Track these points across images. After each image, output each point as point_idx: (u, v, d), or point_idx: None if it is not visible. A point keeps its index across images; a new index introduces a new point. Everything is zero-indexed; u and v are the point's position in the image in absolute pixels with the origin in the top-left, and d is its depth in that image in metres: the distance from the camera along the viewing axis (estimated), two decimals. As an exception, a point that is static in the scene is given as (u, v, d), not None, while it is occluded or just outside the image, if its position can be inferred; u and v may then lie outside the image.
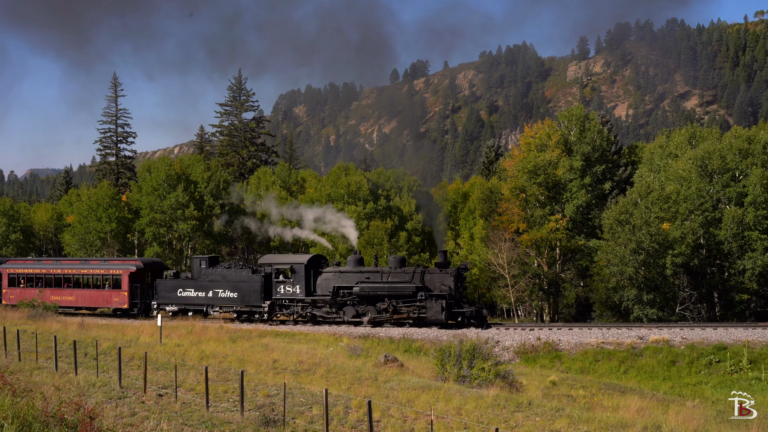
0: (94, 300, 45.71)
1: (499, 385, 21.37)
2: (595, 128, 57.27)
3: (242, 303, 41.20)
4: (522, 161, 54.35)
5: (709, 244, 48.57)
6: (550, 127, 56.76)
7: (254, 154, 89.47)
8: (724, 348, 31.91)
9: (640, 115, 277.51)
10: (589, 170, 55.01)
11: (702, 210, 48.25)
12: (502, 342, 34.61)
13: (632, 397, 23.71)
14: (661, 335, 33.97)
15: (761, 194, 46.66)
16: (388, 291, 38.45)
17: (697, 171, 49.61)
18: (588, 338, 34.48)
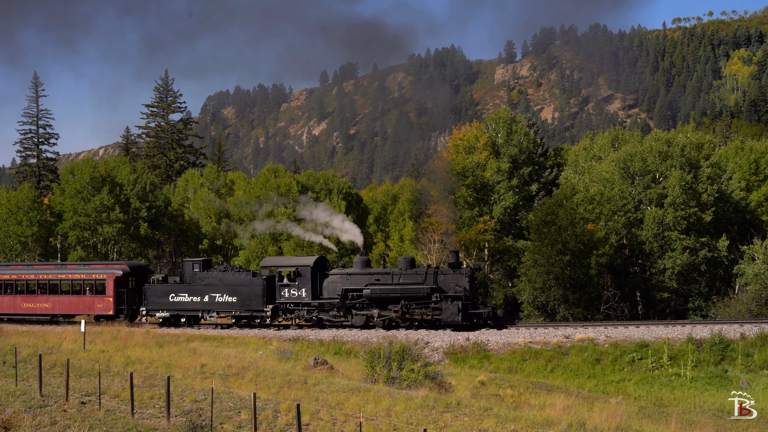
0: (74, 307, 42.85)
1: (428, 386, 21.51)
2: (522, 131, 58.17)
3: (242, 307, 39.51)
4: (450, 163, 54.85)
5: (632, 244, 49.81)
6: (478, 129, 57.44)
7: (182, 156, 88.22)
8: (645, 345, 32.74)
9: (566, 118, 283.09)
10: (516, 172, 55.83)
11: (624, 211, 49.46)
12: (431, 343, 34.85)
13: (558, 396, 24.14)
14: (586, 334, 34.67)
15: (680, 195, 48.04)
16: (401, 293, 37.28)
17: (619, 173, 50.82)
18: (516, 338, 34.98)
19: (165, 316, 40.63)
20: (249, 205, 65.09)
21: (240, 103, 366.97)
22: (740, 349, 31.60)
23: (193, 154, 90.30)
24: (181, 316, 40.64)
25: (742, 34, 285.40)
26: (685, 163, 50.51)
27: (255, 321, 39.79)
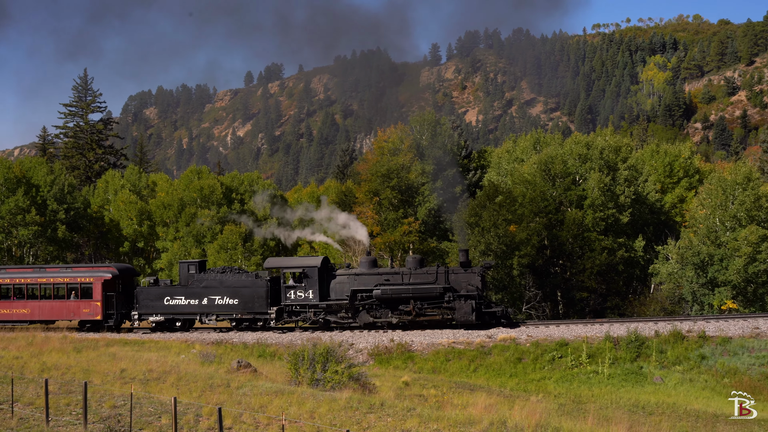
0: (56, 312, 40.14)
1: (352, 388, 21.55)
2: (446, 133, 58.87)
3: (244, 310, 38.11)
4: (375, 165, 55.07)
5: (553, 245, 50.84)
6: (403, 131, 57.85)
7: (102, 157, 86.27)
8: (565, 344, 33.43)
9: (490, 120, 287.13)
10: (440, 174, 56.41)
11: (546, 212, 50.45)
12: (356, 344, 34.89)
13: (481, 395, 24.48)
14: (508, 334, 35.20)
15: (598, 197, 49.27)
16: (413, 293, 36.57)
17: (541, 175, 51.81)
18: (440, 338, 35.28)
19: (159, 320, 39.02)
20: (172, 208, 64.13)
21: (163, 103, 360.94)
22: (654, 346, 32.57)
23: (114, 155, 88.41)
24: (176, 320, 39.13)
25: (658, 41, 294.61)
26: (604, 166, 51.84)
27: (257, 324, 38.51)
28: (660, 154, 62.84)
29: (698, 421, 22.91)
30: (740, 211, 47.24)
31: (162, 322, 39.11)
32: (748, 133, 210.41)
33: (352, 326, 37.75)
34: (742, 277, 45.08)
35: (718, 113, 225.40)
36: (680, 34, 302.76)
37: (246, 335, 37.14)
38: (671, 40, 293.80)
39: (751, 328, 34.52)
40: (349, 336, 36.15)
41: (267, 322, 38.23)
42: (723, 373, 30.71)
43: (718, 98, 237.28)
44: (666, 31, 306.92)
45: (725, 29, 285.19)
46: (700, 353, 32.26)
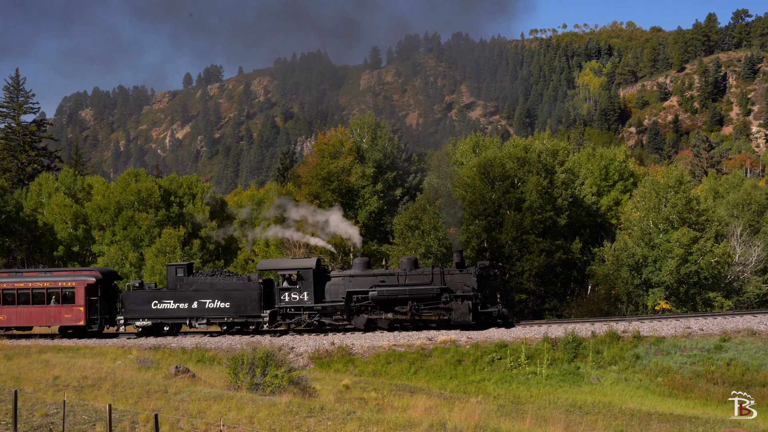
0: (36, 318, 38.67)
1: (292, 392, 21.43)
2: (386, 136, 58.98)
3: (236, 313, 37.48)
4: (315, 168, 54.90)
5: (492, 247, 51.32)
6: (343, 134, 57.79)
7: (35, 159, 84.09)
8: (505, 345, 33.78)
9: (430, 123, 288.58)
10: (380, 177, 56.51)
11: (485, 215, 50.91)
12: (296, 348, 34.72)
13: (421, 397, 24.58)
14: (448, 336, 35.41)
15: (537, 200, 49.91)
16: (409, 294, 36.47)
17: (480, 178, 52.25)
18: (380, 341, 35.32)
19: (146, 325, 38.07)
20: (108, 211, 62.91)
21: (99, 104, 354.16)
22: (591, 346, 33.15)
23: (48, 157, 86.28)
24: (164, 325, 38.25)
25: (593, 47, 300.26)
26: (542, 169, 52.54)
27: (249, 327, 37.86)
28: (596, 157, 63.99)
29: (633, 420, 23.36)
30: (672, 214, 48.36)
31: (149, 327, 38.09)
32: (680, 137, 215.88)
33: (347, 328, 37.67)
34: (674, 278, 46.18)
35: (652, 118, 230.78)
36: (614, 40, 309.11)
37: (185, 340, 36.65)
38: (606, 46, 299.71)
39: (683, 327, 35.39)
40: (289, 340, 35.97)
41: (260, 325, 37.67)
42: (656, 372, 31.41)
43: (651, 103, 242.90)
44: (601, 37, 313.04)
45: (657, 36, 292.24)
46: (634, 353, 32.94)
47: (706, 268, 46.85)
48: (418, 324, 37.15)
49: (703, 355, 32.53)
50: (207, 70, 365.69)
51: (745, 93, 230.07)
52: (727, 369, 31.34)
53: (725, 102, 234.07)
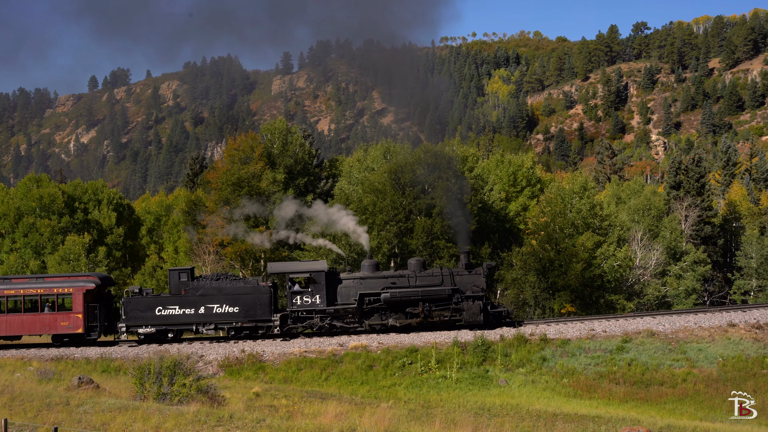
0: (28, 327, 36.40)
1: (200, 401, 21.10)
2: (298, 141, 58.77)
3: (245, 318, 36.50)
4: (226, 173, 54.25)
5: (403, 253, 51.69)
6: (254, 140, 57.26)
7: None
8: (415, 350, 34.06)
9: (342, 129, 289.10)
10: (292, 183, 56.24)
11: (396, 221, 51.25)
12: (206, 356, 34.20)
13: (332, 403, 24.56)
14: (360, 342, 35.50)
15: (446, 205, 50.52)
16: (422, 295, 36.60)
17: (391, 183, 52.58)
18: (291, 348, 35.14)
19: (150, 332, 36.53)
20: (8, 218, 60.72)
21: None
22: (500, 349, 33.77)
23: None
24: (168, 332, 36.78)
25: (502, 55, 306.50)
26: (452, 175, 53.23)
27: (258, 332, 37.07)
28: (504, 163, 65.26)
29: (539, 421, 23.88)
30: (577, 219, 49.74)
31: (152, 334, 36.63)
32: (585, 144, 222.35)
33: (358, 330, 37.48)
34: (579, 282, 47.48)
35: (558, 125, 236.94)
36: (522, 49, 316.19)
37: (89, 350, 35.63)
38: (514, 54, 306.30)
39: (587, 330, 36.44)
40: (198, 348, 35.41)
41: (270, 329, 36.94)
42: (562, 373, 32.22)
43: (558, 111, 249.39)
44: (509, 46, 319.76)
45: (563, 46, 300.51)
46: (541, 355, 33.72)
47: (609, 271, 48.36)
48: (428, 325, 37.34)
49: (606, 356, 33.57)
50: (114, 73, 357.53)
51: (645, 102, 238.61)
52: (628, 369, 32.44)
53: (627, 111, 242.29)
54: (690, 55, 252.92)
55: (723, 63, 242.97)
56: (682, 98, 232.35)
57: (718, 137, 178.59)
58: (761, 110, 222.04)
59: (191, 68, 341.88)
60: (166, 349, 33.57)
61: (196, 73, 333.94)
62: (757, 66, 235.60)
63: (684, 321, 37.87)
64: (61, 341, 37.20)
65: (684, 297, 52.97)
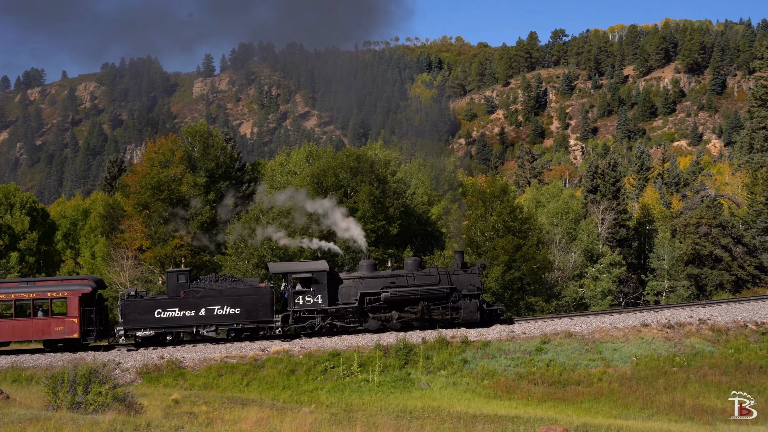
0: (20, 332, 35.15)
1: (117, 409, 20.61)
2: (219, 145, 58.08)
3: (246, 319, 36.24)
4: (145, 177, 53.23)
5: (326, 257, 51.55)
6: (174, 143, 56.34)
7: None
8: (338, 354, 34.04)
9: (264, 133, 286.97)
10: (213, 186, 55.55)
11: (319, 224, 51.08)
12: (123, 363, 33.45)
13: (253, 409, 24.34)
14: (282, 346, 35.29)
15: (369, 209, 50.67)
16: (421, 294, 37.23)
17: (313, 187, 52.42)
18: (212, 353, 34.69)
19: (149, 335, 35.76)
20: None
21: None
22: (421, 352, 34.02)
23: None
24: (167, 334, 36.09)
25: (424, 60, 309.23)
26: (374, 179, 53.39)
27: (259, 333, 36.96)
28: (427, 167, 65.84)
29: (460, 422, 24.14)
30: (498, 222, 50.49)
31: (151, 337, 35.95)
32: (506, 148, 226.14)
33: (358, 330, 37.70)
34: (500, 284, 48.19)
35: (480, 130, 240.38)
36: (444, 54, 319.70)
37: (0, 360, 34.49)
38: (436, 59, 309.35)
39: (507, 331, 37.05)
40: (116, 355, 34.64)
41: (271, 330, 36.98)
42: (483, 375, 32.65)
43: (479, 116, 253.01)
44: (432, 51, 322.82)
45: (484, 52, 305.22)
46: (462, 357, 34.10)
47: (529, 273, 49.21)
48: (426, 324, 37.79)
49: (525, 358, 34.17)
50: (27, 73, 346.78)
51: (564, 108, 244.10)
52: (546, 369, 33.08)
53: (546, 116, 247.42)
54: (606, 62, 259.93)
55: (637, 70, 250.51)
56: (599, 104, 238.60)
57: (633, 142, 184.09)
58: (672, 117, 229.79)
59: (109, 69, 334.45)
60: (82, 357, 32.72)
61: (115, 75, 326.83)
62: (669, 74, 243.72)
63: (600, 322, 38.86)
64: (53, 347, 36.23)
65: (600, 298, 54.29)
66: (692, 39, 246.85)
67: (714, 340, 36.99)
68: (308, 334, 37.64)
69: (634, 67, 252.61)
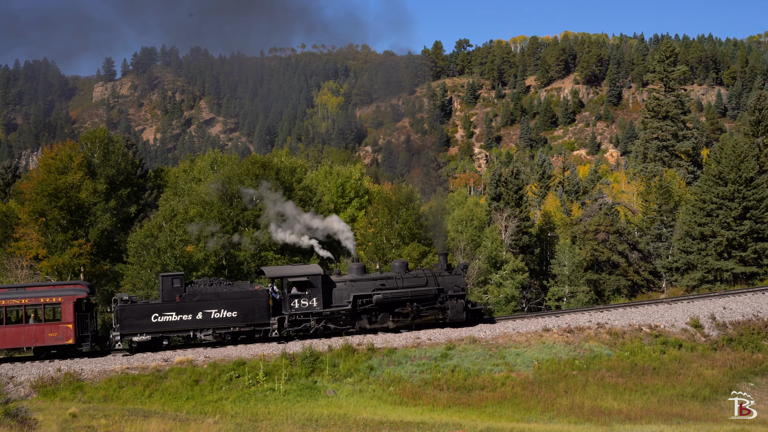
0: (10, 339, 34.18)
1: (8, 425, 19.84)
2: (120, 151, 56.65)
3: (243, 322, 36.39)
4: (41, 183, 51.39)
5: (230, 265, 50.98)
6: (73, 148, 54.61)
7: None
8: (243, 363, 33.59)
9: (168, 139, 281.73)
10: (114, 193, 54.13)
11: (224, 232, 50.47)
12: (16, 377, 32.15)
13: (155, 420, 23.79)
14: (185, 356, 34.62)
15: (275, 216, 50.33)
16: (411, 296, 38.40)
17: (218, 195, 51.76)
18: (112, 365, 33.73)
19: (145, 340, 35.36)
20: None
21: None
22: (328, 360, 33.94)
23: None
24: (163, 339, 35.87)
25: (331, 68, 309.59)
26: (280, 186, 53.06)
27: (255, 336, 37.21)
28: (333, 175, 65.79)
29: (366, 429, 24.20)
30: (404, 230, 50.88)
31: (147, 342, 35.57)
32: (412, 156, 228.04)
33: (350, 332, 38.29)
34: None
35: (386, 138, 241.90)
36: (351, 62, 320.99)
37: None
38: (343, 67, 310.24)
39: (413, 338, 37.35)
40: (9, 368, 33.28)
41: (268, 333, 37.39)
42: (389, 381, 32.80)
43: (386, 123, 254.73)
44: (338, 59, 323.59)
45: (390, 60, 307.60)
46: (369, 365, 34.17)
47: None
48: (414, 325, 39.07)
49: (430, 364, 34.52)
50: None
51: (468, 116, 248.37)
52: (451, 375, 33.50)
53: (451, 124, 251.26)
54: (509, 72, 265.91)
55: (538, 81, 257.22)
56: (502, 113, 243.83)
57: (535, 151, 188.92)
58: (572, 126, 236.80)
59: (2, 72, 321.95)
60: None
61: (9, 77, 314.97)
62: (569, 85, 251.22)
63: (503, 327, 39.62)
64: (45, 354, 35.38)
65: (504, 304, 55.28)
66: (590, 51, 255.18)
67: (611, 343, 38.22)
68: (301, 336, 37.99)
69: (536, 77, 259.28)
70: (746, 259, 57.14)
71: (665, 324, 41.21)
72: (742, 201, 57.09)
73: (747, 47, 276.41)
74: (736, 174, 57.49)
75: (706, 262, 57.93)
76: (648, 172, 78.39)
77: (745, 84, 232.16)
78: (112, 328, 36.16)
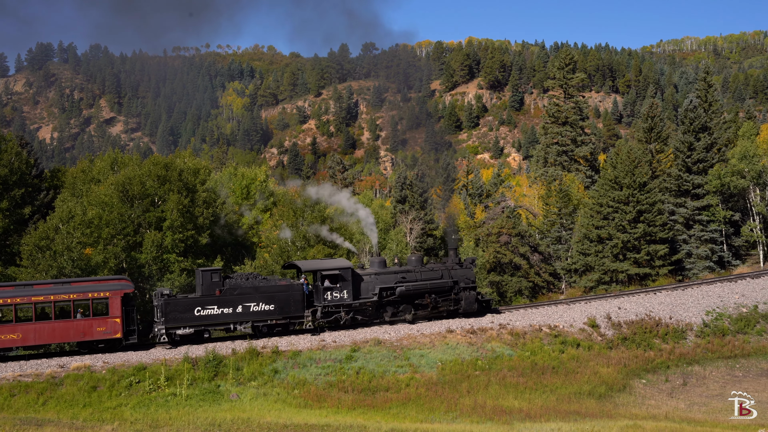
0: (60, 334, 34.81)
1: None
2: (14, 150, 54.56)
3: (280, 315, 37.98)
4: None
5: (131, 267, 49.68)
6: (-38, 147, 52.34)
7: None
8: (144, 368, 32.82)
9: (66, 138, 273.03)
10: (6, 194, 52.09)
11: (124, 234, 49.18)
12: None
13: (49, 429, 23.03)
14: (83, 362, 33.62)
15: (177, 219, 49.38)
16: (430, 288, 40.42)
17: (118, 196, 50.41)
18: (3, 372, 32.44)
19: (188, 333, 36.34)
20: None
21: None
22: (232, 363, 33.51)
23: None
24: (205, 332, 36.93)
25: (236, 68, 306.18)
26: (183, 188, 52.09)
27: (290, 328, 38.84)
28: (238, 177, 65.07)
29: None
30: (309, 232, 50.72)
31: (190, 335, 36.56)
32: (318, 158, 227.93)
33: (374, 322, 40.16)
34: (310, 293, 48.27)
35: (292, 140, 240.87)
36: (256, 62, 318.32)
37: None
38: (248, 68, 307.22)
39: (318, 341, 37.29)
40: None
41: (302, 324, 39.45)
42: (294, 384, 32.63)
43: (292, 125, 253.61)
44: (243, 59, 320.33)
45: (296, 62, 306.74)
46: (273, 368, 33.92)
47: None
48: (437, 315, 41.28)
49: (335, 366, 34.50)
50: None
51: (374, 119, 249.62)
52: (356, 377, 33.57)
53: (357, 127, 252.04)
54: (414, 76, 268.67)
55: (443, 85, 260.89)
56: (408, 117, 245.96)
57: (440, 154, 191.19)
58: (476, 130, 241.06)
59: None
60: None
61: None
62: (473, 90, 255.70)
63: (408, 329, 39.94)
64: (91, 348, 36.00)
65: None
66: (493, 57, 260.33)
67: (513, 343, 39.04)
68: (332, 328, 39.52)
69: (441, 81, 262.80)
70: (640, 260, 59.27)
71: (564, 324, 42.36)
72: (636, 205, 59.19)
73: (641, 57, 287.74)
74: (630, 179, 59.59)
75: (602, 263, 59.83)
76: (548, 176, 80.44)
77: (639, 92, 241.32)
78: (155, 322, 36.76)
